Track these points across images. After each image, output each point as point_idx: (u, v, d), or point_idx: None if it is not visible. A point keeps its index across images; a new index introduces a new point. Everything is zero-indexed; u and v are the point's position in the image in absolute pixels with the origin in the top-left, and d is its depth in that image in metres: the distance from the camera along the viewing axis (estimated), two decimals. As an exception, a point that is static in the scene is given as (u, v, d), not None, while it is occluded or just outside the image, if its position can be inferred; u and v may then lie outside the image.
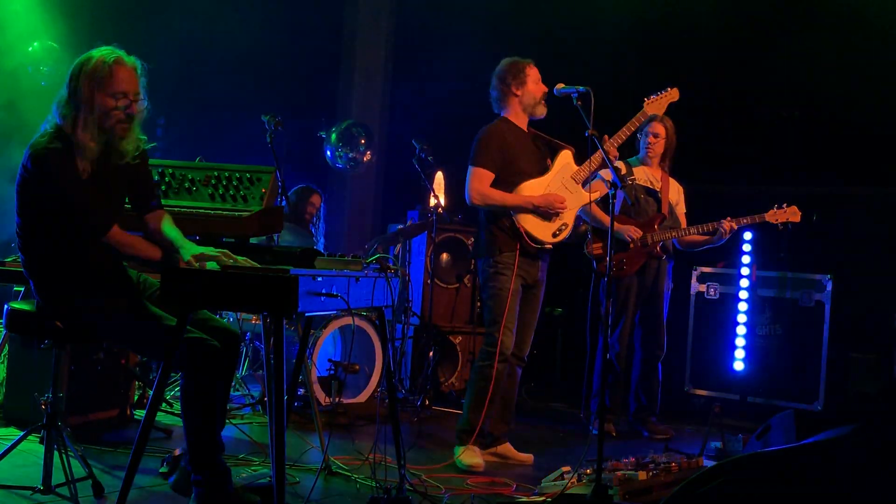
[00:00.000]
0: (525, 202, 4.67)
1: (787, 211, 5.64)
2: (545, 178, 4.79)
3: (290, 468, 4.19)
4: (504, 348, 4.66)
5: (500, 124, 4.83)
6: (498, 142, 4.73)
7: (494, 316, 4.68)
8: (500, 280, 4.67)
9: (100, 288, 3.47)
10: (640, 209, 5.73)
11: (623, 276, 5.64)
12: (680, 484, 3.24)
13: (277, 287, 3.04)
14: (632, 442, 5.59)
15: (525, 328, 4.83)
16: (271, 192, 4.13)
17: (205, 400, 3.34)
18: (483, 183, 4.67)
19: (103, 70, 3.38)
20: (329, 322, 5.78)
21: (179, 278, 3.16)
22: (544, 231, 4.72)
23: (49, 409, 3.55)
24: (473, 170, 4.70)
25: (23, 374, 4.73)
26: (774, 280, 6.53)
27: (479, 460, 4.64)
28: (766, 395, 6.42)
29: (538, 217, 4.70)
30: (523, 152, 4.80)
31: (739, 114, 7.70)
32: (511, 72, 4.81)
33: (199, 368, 3.31)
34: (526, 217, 4.69)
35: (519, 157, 4.76)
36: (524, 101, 4.80)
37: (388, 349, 4.14)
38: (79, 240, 3.42)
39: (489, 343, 4.70)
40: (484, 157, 4.69)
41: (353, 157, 7.96)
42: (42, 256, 3.43)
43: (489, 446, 4.80)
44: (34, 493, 3.52)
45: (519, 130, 4.84)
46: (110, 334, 3.56)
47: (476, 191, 4.67)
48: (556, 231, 4.75)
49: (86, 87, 3.37)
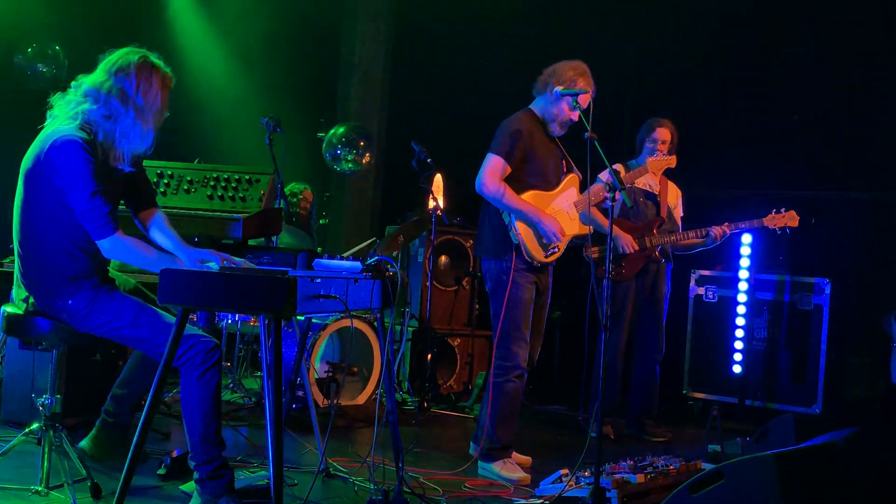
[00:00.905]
0: (532, 213, 4.46)
1: (786, 216, 5.64)
2: (551, 193, 4.60)
3: (287, 470, 4.18)
4: (521, 362, 4.50)
5: (526, 117, 4.62)
6: (524, 135, 4.51)
7: (510, 327, 4.48)
8: (515, 288, 4.46)
9: (105, 281, 3.51)
10: (639, 212, 5.73)
11: (622, 279, 5.64)
12: (678, 487, 3.25)
13: (276, 289, 3.04)
14: (630, 445, 5.59)
15: (535, 335, 4.68)
16: (270, 194, 4.13)
17: (210, 395, 3.37)
18: (499, 174, 4.45)
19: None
20: (328, 324, 5.77)
21: (178, 279, 3.16)
22: (538, 248, 4.53)
23: (47, 411, 3.54)
24: (492, 157, 4.47)
25: (20, 376, 4.72)
26: (773, 283, 6.53)
27: (522, 473, 4.46)
28: (765, 399, 6.43)
29: (536, 233, 4.52)
30: (545, 155, 4.59)
31: (739, 118, 7.70)
32: (565, 74, 4.56)
33: (202, 364, 3.34)
34: (525, 228, 4.50)
35: (539, 159, 4.57)
36: (551, 108, 4.58)
37: (386, 351, 4.13)
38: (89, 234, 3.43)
39: (504, 357, 4.49)
40: (507, 147, 4.47)
41: (352, 158, 7.95)
42: (54, 248, 3.41)
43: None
44: (32, 495, 3.52)
45: (542, 129, 4.64)
46: (112, 329, 3.52)
47: (490, 180, 4.44)
48: (549, 252, 4.57)
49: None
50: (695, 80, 7.60)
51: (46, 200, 3.39)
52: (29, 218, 3.44)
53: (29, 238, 3.45)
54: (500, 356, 4.52)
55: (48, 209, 3.40)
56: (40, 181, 3.37)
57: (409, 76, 9.06)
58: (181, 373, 3.40)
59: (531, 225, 4.49)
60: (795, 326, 6.41)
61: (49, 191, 3.37)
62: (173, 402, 5.72)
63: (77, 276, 3.45)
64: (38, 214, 3.41)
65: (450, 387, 6.92)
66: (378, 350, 6.02)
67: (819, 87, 7.15)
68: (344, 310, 3.37)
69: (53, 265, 3.42)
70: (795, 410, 6.09)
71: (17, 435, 3.71)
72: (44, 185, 3.37)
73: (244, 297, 3.11)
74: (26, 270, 3.47)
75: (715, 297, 6.71)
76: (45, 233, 3.42)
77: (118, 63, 3.44)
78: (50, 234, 3.41)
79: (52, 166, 3.33)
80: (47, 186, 3.36)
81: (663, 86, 7.55)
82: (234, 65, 8.72)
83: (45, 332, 3.51)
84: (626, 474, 3.96)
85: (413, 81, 8.92)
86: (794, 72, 7.45)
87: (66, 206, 3.36)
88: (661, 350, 5.84)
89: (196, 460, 3.42)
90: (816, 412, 6.19)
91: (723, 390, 6.57)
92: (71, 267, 3.44)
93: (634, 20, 7.70)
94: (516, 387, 4.52)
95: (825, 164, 7.31)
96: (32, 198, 3.42)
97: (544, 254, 4.56)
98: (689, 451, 5.17)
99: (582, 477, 3.98)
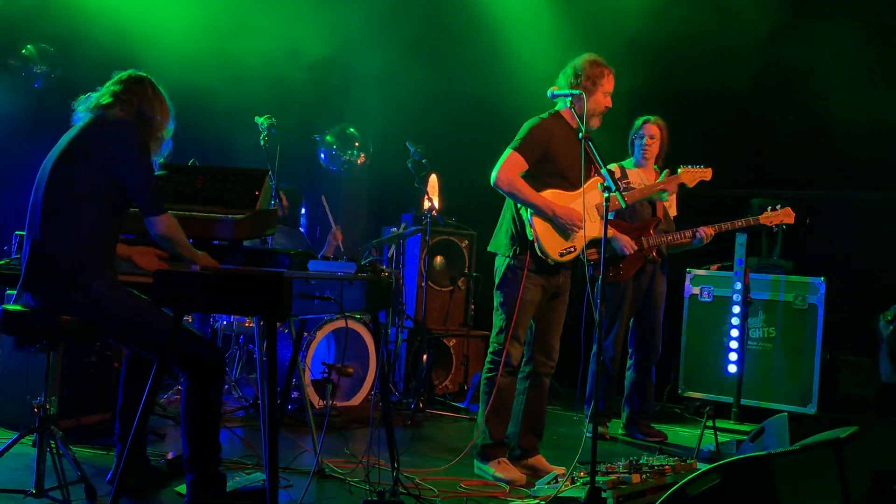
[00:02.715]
0: (546, 206, 4.42)
1: (781, 212, 5.65)
2: (572, 194, 4.54)
3: (283, 471, 4.18)
4: (513, 360, 4.53)
5: (552, 120, 4.58)
6: (543, 136, 4.48)
7: (507, 325, 4.49)
8: (514, 287, 4.47)
9: (115, 274, 3.57)
10: (636, 213, 5.73)
11: (620, 280, 5.64)
12: (674, 487, 3.25)
13: (270, 290, 3.03)
14: (626, 445, 5.59)
15: (552, 337, 4.65)
16: (265, 195, 4.12)
17: (211, 399, 3.38)
18: (514, 169, 4.43)
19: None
20: (323, 325, 5.77)
21: (173, 280, 3.16)
22: (553, 245, 4.47)
23: (41, 412, 3.54)
24: (511, 152, 4.45)
25: (15, 377, 4.71)
26: (768, 283, 6.54)
27: (518, 473, 4.47)
28: (760, 398, 6.43)
29: (553, 228, 4.48)
30: (567, 154, 4.52)
31: (734, 117, 7.71)
32: (586, 70, 4.52)
33: (206, 368, 3.36)
34: (541, 223, 4.46)
35: (561, 158, 4.52)
36: (584, 107, 4.44)
37: (381, 352, 4.13)
38: (119, 223, 3.53)
39: (497, 352, 4.53)
40: (525, 144, 4.45)
41: (346, 159, 7.95)
42: (85, 237, 3.46)
43: (519, 459, 4.66)
44: (26, 497, 3.51)
45: (569, 130, 4.56)
46: (125, 323, 3.53)
47: (504, 174, 4.42)
48: (564, 251, 4.52)
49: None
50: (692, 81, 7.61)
51: (94, 188, 3.48)
52: (69, 205, 3.49)
53: (64, 226, 3.48)
54: (494, 351, 4.56)
55: (94, 197, 3.49)
56: (89, 167, 3.48)
57: (404, 78, 9.05)
58: (185, 375, 3.41)
59: (547, 220, 4.46)
60: (790, 326, 6.42)
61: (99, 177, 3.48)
62: (168, 403, 5.72)
63: (104, 264, 3.51)
64: (84, 201, 3.49)
65: (445, 387, 6.92)
66: (373, 351, 6.02)
67: (811, 86, 7.15)
68: (339, 311, 3.37)
69: (87, 253, 3.47)
70: (791, 410, 6.10)
71: (12, 436, 3.70)
72: (94, 171, 3.47)
73: (238, 299, 3.11)
74: (55, 261, 3.48)
75: (710, 297, 6.72)
76: (90, 218, 3.48)
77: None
78: (92, 222, 3.48)
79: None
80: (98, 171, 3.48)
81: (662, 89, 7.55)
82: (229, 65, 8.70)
83: (45, 330, 3.49)
84: (621, 474, 3.96)
85: (409, 81, 8.91)
86: (787, 71, 7.45)
87: (114, 193, 3.47)
88: (657, 350, 5.84)
89: (191, 462, 3.42)
90: (812, 411, 6.20)
91: (718, 390, 6.58)
92: (101, 255, 3.51)
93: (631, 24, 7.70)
94: (507, 382, 4.54)
95: (820, 164, 7.32)
96: (78, 186, 3.49)
97: (559, 252, 4.51)
98: (684, 450, 5.18)
99: (577, 477, 3.98)
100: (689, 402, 6.79)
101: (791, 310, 6.44)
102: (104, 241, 3.52)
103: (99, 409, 4.92)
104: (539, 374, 4.66)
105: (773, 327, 6.48)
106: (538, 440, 4.74)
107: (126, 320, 3.47)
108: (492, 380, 4.53)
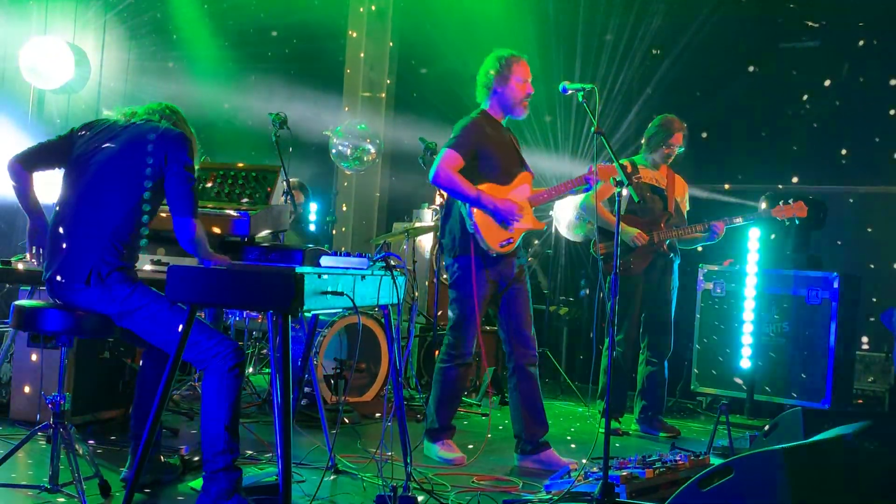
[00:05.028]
0: (485, 198, 4.56)
1: (794, 206, 5.62)
2: (506, 188, 4.69)
3: (296, 466, 4.19)
4: (464, 352, 4.75)
5: (482, 118, 4.77)
6: (476, 133, 4.66)
7: (460, 319, 4.72)
8: (465, 283, 4.65)
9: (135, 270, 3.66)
10: (647, 207, 5.71)
11: (630, 274, 5.63)
12: (687, 482, 3.24)
13: (283, 285, 3.04)
14: (639, 440, 5.58)
15: (524, 327, 4.74)
16: (277, 191, 4.14)
17: (230, 394, 3.40)
18: (451, 165, 4.58)
19: None
20: (335, 321, 5.78)
21: (186, 276, 3.17)
22: (494, 237, 4.62)
23: (55, 409, 3.55)
24: (447, 151, 4.61)
25: (28, 374, 4.73)
26: (781, 278, 6.51)
27: (458, 453, 4.73)
28: (773, 393, 6.41)
29: (492, 221, 4.62)
30: (501, 149, 4.72)
31: (746, 112, 7.68)
32: (494, 65, 4.74)
33: (226, 362, 3.40)
34: (481, 216, 4.60)
35: (496, 152, 4.69)
36: (502, 99, 4.73)
37: (394, 348, 4.13)
38: (147, 223, 3.62)
39: (452, 345, 4.77)
40: (460, 142, 4.62)
41: (358, 155, 7.95)
42: (115, 232, 3.54)
43: (530, 454, 4.71)
44: (41, 492, 3.53)
45: (498, 125, 4.78)
46: (144, 318, 3.57)
47: (443, 170, 4.57)
48: (504, 241, 4.65)
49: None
50: (701, 77, 7.59)
51: (138, 188, 3.57)
52: (113, 199, 3.56)
53: (94, 222, 3.54)
54: (449, 344, 4.79)
55: (132, 196, 3.56)
56: (141, 167, 3.58)
57: (415, 73, 9.05)
58: (206, 370, 3.43)
59: (487, 213, 4.61)
60: (804, 321, 6.39)
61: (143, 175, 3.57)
62: (181, 399, 5.74)
63: (132, 259, 3.60)
64: (122, 199, 3.56)
65: (457, 383, 6.91)
66: (385, 346, 6.02)
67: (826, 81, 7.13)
68: (351, 306, 3.38)
69: (112, 249, 3.52)
70: (804, 405, 6.07)
71: (26, 433, 3.72)
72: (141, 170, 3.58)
73: (252, 294, 3.12)
74: (87, 254, 3.52)
75: (723, 292, 6.70)
76: (125, 216, 3.55)
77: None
78: (127, 219, 3.55)
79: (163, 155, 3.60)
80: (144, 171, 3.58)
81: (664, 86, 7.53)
82: (241, 62, 8.73)
83: (60, 325, 3.51)
84: (634, 469, 3.96)
85: (418, 77, 8.91)
86: (800, 65, 7.42)
87: (152, 192, 3.57)
88: (670, 345, 5.83)
89: (206, 457, 3.43)
90: (826, 407, 6.17)
91: (731, 385, 6.56)
92: (131, 251, 3.59)
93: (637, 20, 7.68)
94: (458, 373, 4.77)
95: (834, 159, 7.29)
96: (125, 180, 3.57)
97: (499, 243, 4.64)
98: (697, 446, 5.16)
99: (590, 472, 3.98)
100: (703, 397, 6.76)
101: (804, 305, 6.41)
102: (131, 237, 3.58)
103: (113, 405, 4.94)
104: (524, 367, 4.73)
105: (787, 322, 6.45)
106: (545, 430, 4.76)
107: (150, 311, 3.49)
108: (443, 370, 4.79)
